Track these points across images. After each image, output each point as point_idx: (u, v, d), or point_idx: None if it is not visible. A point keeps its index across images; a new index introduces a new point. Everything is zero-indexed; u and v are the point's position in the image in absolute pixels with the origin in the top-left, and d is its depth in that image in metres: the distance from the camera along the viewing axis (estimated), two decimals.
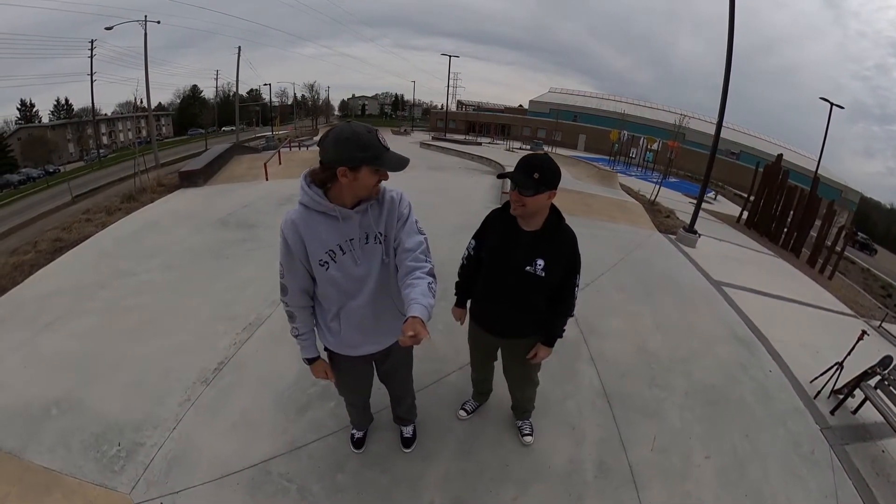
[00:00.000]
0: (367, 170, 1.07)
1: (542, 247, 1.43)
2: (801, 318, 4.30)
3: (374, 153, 1.05)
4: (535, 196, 1.33)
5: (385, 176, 1.14)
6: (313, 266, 1.21)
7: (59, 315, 2.95)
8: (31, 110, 37.14)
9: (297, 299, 1.30)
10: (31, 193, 21.59)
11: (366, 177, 1.08)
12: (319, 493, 1.74)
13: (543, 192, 1.33)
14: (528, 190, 1.31)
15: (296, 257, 1.20)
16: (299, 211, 1.18)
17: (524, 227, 1.46)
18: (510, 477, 1.88)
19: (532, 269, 1.43)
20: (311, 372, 1.46)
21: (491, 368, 2.02)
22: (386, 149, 1.08)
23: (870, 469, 2.23)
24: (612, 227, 5.99)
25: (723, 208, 12.48)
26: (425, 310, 1.02)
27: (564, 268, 1.46)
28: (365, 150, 1.04)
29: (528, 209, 1.38)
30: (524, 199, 1.34)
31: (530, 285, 1.46)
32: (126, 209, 5.75)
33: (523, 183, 1.31)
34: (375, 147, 1.05)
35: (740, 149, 30.25)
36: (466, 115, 39.90)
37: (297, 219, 1.17)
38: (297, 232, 1.17)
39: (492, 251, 1.54)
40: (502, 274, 1.50)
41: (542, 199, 1.35)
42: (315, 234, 1.17)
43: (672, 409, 2.39)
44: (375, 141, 1.06)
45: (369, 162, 1.06)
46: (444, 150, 14.41)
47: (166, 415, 2.09)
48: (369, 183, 1.11)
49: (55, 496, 1.68)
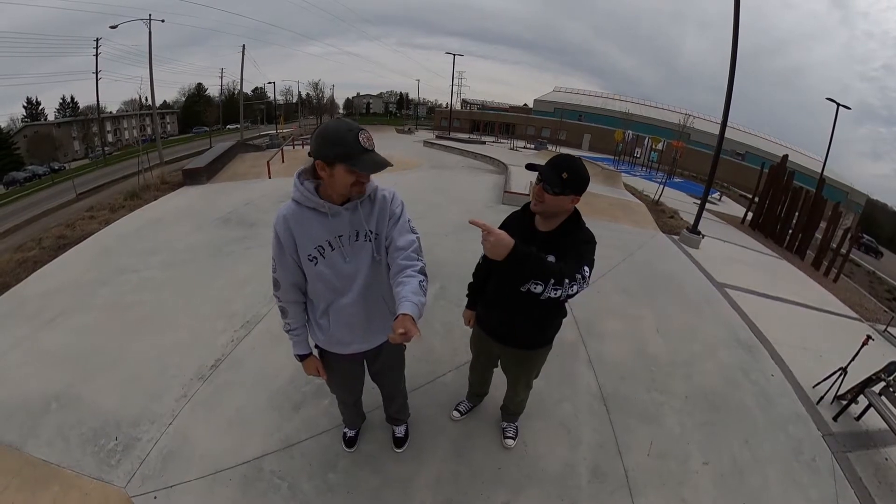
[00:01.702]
0: (342, 168, 1.07)
1: (556, 244, 1.36)
2: (805, 322, 4.24)
3: (348, 151, 1.04)
4: (558, 196, 1.28)
5: (364, 177, 1.12)
6: (303, 261, 1.23)
7: (61, 311, 2.98)
8: (36, 108, 37.57)
9: (288, 294, 1.31)
10: (36, 191, 21.80)
11: (341, 174, 1.08)
12: (310, 492, 1.74)
13: (568, 194, 1.28)
14: (554, 187, 1.27)
15: (286, 252, 1.22)
16: (291, 206, 1.20)
17: (540, 227, 1.41)
18: (502, 480, 1.86)
19: None
20: (303, 369, 1.47)
21: (490, 373, 1.99)
22: (364, 150, 1.06)
23: (872, 478, 2.18)
24: (615, 228, 5.95)
25: (728, 209, 12.36)
26: (416, 307, 1.01)
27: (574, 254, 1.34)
28: (338, 146, 1.04)
29: (546, 206, 1.32)
30: (546, 195, 1.29)
31: None
32: (129, 206, 5.80)
33: (550, 179, 1.27)
34: (350, 145, 1.04)
35: (746, 149, 29.98)
36: (471, 113, 39.85)
37: (288, 214, 1.19)
38: (287, 228, 1.19)
39: None
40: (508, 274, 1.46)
41: (564, 200, 1.30)
42: (305, 229, 1.19)
43: (671, 414, 2.36)
44: (352, 139, 1.04)
45: (342, 160, 1.05)
46: (447, 148, 14.38)
47: (163, 410, 2.10)
48: (346, 181, 1.10)
49: (53, 489, 1.70)
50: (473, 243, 2.04)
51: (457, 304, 3.09)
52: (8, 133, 32.17)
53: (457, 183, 8.13)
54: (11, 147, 30.42)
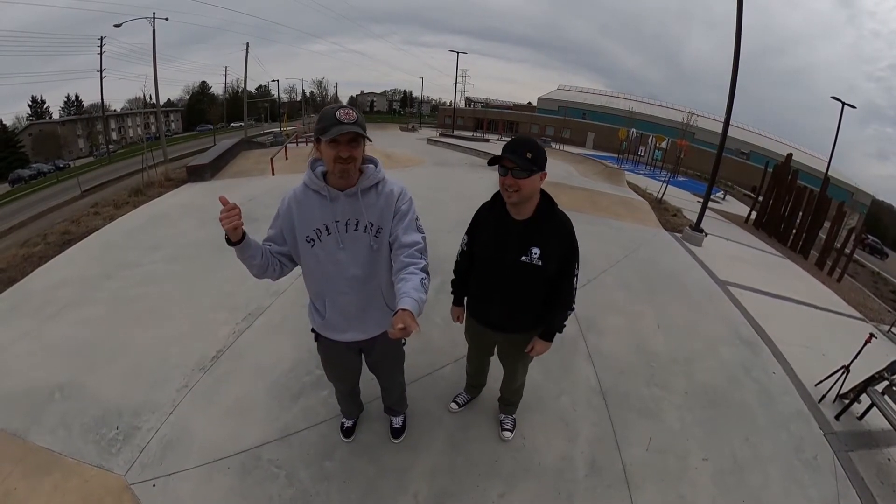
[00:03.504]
0: (325, 143, 1.12)
1: (537, 234, 1.37)
2: (808, 320, 4.21)
3: (325, 125, 1.09)
4: (529, 178, 1.27)
5: (343, 150, 1.12)
6: (300, 243, 1.26)
7: (66, 304, 3.01)
8: (41, 107, 37.82)
9: (270, 244, 1.29)
10: (41, 188, 22.00)
11: (324, 150, 1.14)
12: (306, 480, 1.75)
13: (536, 172, 1.28)
14: (524, 172, 1.26)
15: (279, 220, 1.28)
16: (299, 188, 1.26)
17: (515, 216, 1.40)
18: (499, 472, 1.86)
19: (528, 258, 1.37)
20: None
21: (487, 363, 2.00)
22: (337, 121, 1.08)
23: (874, 478, 2.16)
24: (618, 225, 5.93)
25: (731, 208, 12.28)
26: (416, 304, 1.02)
27: (561, 256, 1.40)
28: (320, 122, 1.11)
29: (523, 193, 1.30)
30: (519, 182, 1.27)
31: (527, 277, 1.40)
32: (134, 203, 5.83)
33: (518, 163, 1.25)
34: (327, 120, 1.09)
35: (750, 149, 29.73)
36: (474, 111, 39.71)
37: (293, 195, 1.26)
38: (290, 206, 1.25)
39: (484, 245, 1.50)
40: (497, 268, 1.46)
41: (536, 181, 1.30)
42: (305, 210, 1.24)
43: (670, 410, 2.35)
44: (331, 115, 1.09)
45: (321, 133, 1.11)
46: (450, 146, 14.35)
47: (164, 400, 2.12)
48: (328, 155, 1.14)
49: (54, 476, 1.73)
50: None
51: None
52: (13, 131, 32.50)
53: (459, 180, 8.12)
54: (17, 145, 30.76)
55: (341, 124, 1.08)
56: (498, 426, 2.07)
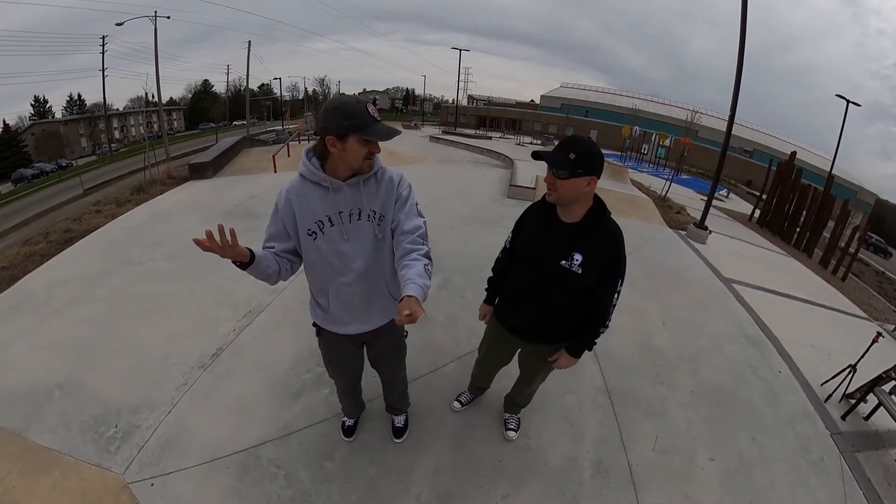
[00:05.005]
0: (355, 139, 1.07)
1: (581, 239, 1.29)
2: (813, 319, 4.16)
3: (360, 122, 1.05)
4: (569, 179, 1.20)
5: (376, 147, 1.13)
6: (301, 236, 1.22)
7: (67, 302, 3.00)
8: (44, 106, 37.99)
9: (273, 244, 1.25)
10: (44, 187, 22.10)
11: (354, 147, 1.09)
12: (306, 481, 1.73)
13: (580, 175, 1.19)
14: (562, 171, 1.19)
15: (280, 215, 1.23)
16: (295, 180, 1.22)
17: (563, 217, 1.32)
18: (503, 473, 1.83)
19: (568, 263, 1.28)
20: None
21: (498, 369, 1.92)
22: (375, 119, 1.07)
23: (882, 479, 2.12)
24: (621, 222, 5.79)
25: (735, 206, 12.21)
26: (421, 290, 1.02)
27: (604, 266, 1.30)
28: (350, 118, 1.05)
29: (560, 194, 1.24)
30: (557, 181, 1.21)
31: (564, 283, 1.31)
32: (136, 201, 5.82)
33: (557, 162, 1.19)
34: (361, 116, 1.05)
35: (754, 147, 29.56)
36: (477, 109, 39.56)
37: (291, 188, 1.21)
38: (288, 200, 1.21)
39: (525, 244, 1.41)
40: (535, 268, 1.37)
41: (579, 184, 1.21)
42: (306, 203, 1.19)
43: (676, 409, 2.32)
44: (363, 111, 1.06)
45: (355, 130, 1.06)
46: (453, 143, 14.32)
47: (163, 398, 2.10)
48: (359, 154, 1.10)
49: (53, 474, 1.71)
50: (477, 236, 1.97)
51: (459, 295, 3.07)
52: (16, 131, 32.64)
53: (462, 177, 8.09)
54: (20, 144, 30.87)
55: (379, 122, 1.08)
56: (502, 425, 2.04)
